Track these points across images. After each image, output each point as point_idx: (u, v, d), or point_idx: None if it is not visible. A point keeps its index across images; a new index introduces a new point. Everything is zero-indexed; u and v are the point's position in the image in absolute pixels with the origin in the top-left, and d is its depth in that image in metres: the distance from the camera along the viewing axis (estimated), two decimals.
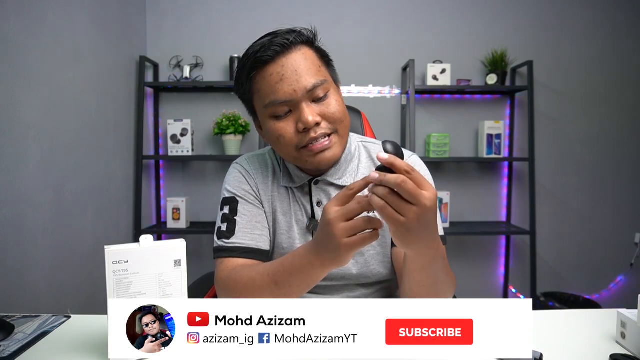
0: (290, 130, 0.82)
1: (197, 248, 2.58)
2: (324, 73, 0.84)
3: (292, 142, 0.82)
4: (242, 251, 0.87)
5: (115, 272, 0.66)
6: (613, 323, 0.75)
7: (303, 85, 0.79)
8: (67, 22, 1.75)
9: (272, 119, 0.83)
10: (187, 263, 0.71)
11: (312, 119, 0.79)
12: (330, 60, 0.89)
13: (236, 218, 0.90)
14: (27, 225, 1.51)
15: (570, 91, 2.61)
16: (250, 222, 0.90)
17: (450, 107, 2.63)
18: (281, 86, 0.79)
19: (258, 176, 0.94)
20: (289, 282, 0.72)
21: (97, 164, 2.00)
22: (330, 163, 0.85)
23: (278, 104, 0.80)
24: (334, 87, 0.85)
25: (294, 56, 0.80)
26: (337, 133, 0.84)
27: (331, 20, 2.53)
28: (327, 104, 0.82)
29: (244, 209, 0.91)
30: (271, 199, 0.93)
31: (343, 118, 0.84)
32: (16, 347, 0.71)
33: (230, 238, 0.88)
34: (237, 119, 2.37)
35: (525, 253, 2.58)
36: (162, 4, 2.54)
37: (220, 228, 0.90)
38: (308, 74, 0.80)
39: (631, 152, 2.63)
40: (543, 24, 2.59)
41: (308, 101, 0.81)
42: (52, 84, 1.66)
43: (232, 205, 0.91)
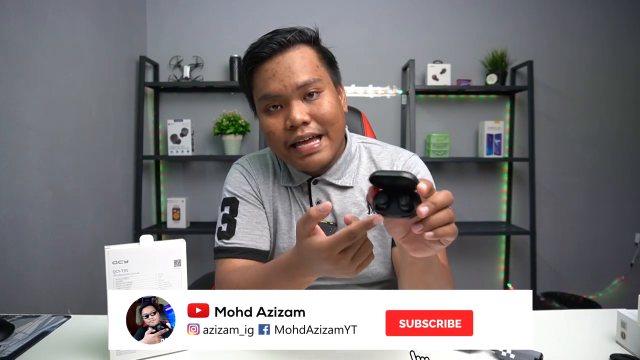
0: (279, 126, 0.82)
1: (197, 248, 2.58)
2: (320, 72, 0.83)
3: (281, 138, 0.83)
4: (241, 252, 0.87)
5: (115, 272, 0.66)
6: (613, 323, 0.75)
7: (294, 81, 0.80)
8: (67, 22, 1.75)
9: (264, 113, 0.84)
10: (187, 263, 0.71)
11: (300, 117, 0.79)
12: (334, 62, 0.89)
13: (236, 218, 0.90)
14: (27, 225, 1.51)
15: (570, 91, 2.61)
16: (250, 223, 0.90)
17: (450, 107, 2.63)
18: (273, 81, 0.80)
19: (259, 176, 0.94)
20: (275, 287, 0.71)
21: (97, 164, 2.00)
22: (318, 166, 0.85)
23: (269, 98, 0.82)
24: (330, 88, 0.85)
25: (291, 54, 0.81)
26: (328, 136, 0.83)
27: (331, 20, 2.53)
28: (319, 104, 0.82)
29: (244, 210, 0.91)
30: (272, 199, 0.93)
31: (334, 120, 0.83)
32: (16, 347, 0.71)
33: (230, 238, 0.88)
34: (237, 119, 2.37)
35: (525, 253, 2.58)
36: (162, 4, 2.54)
37: (220, 228, 0.90)
38: (301, 71, 0.80)
39: (631, 152, 2.63)
40: (543, 24, 2.59)
41: (299, 99, 0.81)
42: (52, 84, 1.66)
43: (233, 206, 0.91)
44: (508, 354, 0.65)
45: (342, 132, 0.87)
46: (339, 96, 0.88)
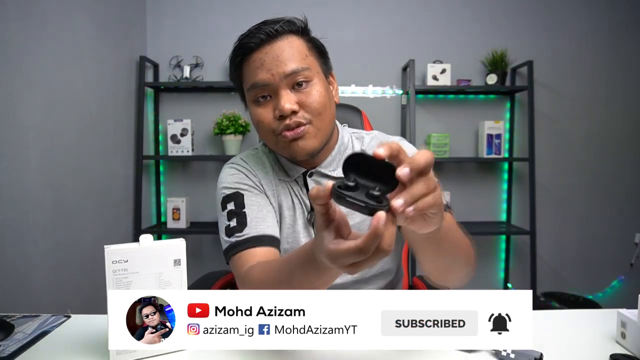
0: (268, 116, 0.82)
1: (197, 248, 2.58)
2: (309, 61, 0.82)
3: (270, 127, 0.82)
4: (259, 240, 0.82)
5: (114, 271, 0.66)
6: (613, 323, 0.74)
7: (282, 69, 0.79)
8: (67, 22, 1.75)
9: (253, 103, 0.84)
10: (187, 263, 0.71)
11: (289, 106, 0.79)
12: (324, 52, 0.88)
13: (245, 210, 0.85)
14: (27, 225, 1.51)
15: (570, 91, 2.61)
16: (261, 212, 0.86)
17: (450, 107, 2.63)
18: (261, 71, 0.80)
19: (259, 172, 0.92)
20: (291, 282, 0.65)
21: (97, 164, 2.00)
22: (305, 154, 0.83)
23: (257, 87, 0.81)
24: (319, 78, 0.84)
25: (279, 44, 0.81)
26: (312, 124, 0.82)
27: (331, 21, 2.54)
28: (307, 93, 0.81)
29: (252, 201, 0.87)
30: (276, 193, 0.92)
31: (322, 110, 0.82)
32: (16, 347, 0.71)
33: (242, 230, 0.83)
34: (237, 119, 2.37)
35: (525, 253, 2.57)
36: (162, 4, 2.54)
37: (229, 226, 0.84)
38: (290, 60, 0.80)
39: (631, 152, 2.63)
40: (543, 24, 2.59)
41: (287, 88, 0.80)
42: (52, 84, 1.66)
43: (238, 200, 0.87)
44: (508, 354, 0.65)
45: (330, 122, 0.86)
46: (329, 86, 0.87)
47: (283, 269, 0.69)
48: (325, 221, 0.48)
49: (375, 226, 0.43)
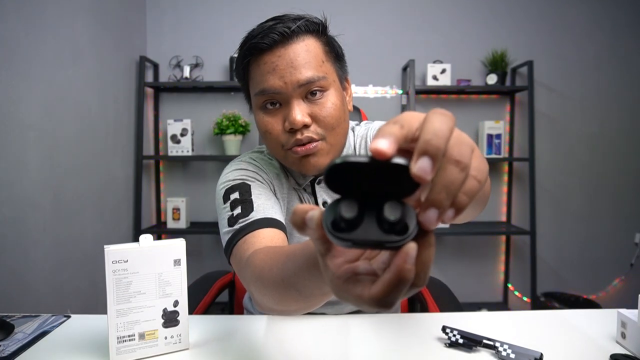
0: (277, 127, 0.75)
1: (197, 248, 2.59)
2: (326, 69, 0.75)
3: (279, 140, 0.75)
4: (266, 222, 0.72)
5: (114, 271, 0.66)
6: (613, 323, 0.74)
7: (296, 78, 0.71)
8: (67, 22, 1.75)
9: (261, 110, 0.76)
10: (187, 263, 0.71)
11: (301, 118, 0.72)
12: (341, 56, 0.81)
13: (252, 197, 0.77)
14: (27, 225, 1.51)
15: (570, 91, 2.61)
16: (269, 201, 0.78)
17: (450, 107, 2.63)
18: (272, 76, 0.72)
19: (270, 173, 0.86)
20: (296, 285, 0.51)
21: (97, 164, 2.00)
22: (315, 170, 0.77)
23: (267, 94, 0.73)
24: (335, 87, 0.76)
25: (294, 47, 0.73)
26: (325, 140, 0.75)
27: (331, 21, 2.53)
28: (322, 105, 0.74)
29: (259, 190, 0.79)
30: (287, 198, 0.86)
31: (336, 124, 0.75)
32: (16, 347, 0.71)
33: (249, 215, 0.73)
34: (237, 119, 2.37)
35: (525, 253, 2.58)
36: (162, 4, 2.54)
37: (232, 215, 0.75)
38: (305, 67, 0.72)
39: (631, 152, 2.63)
40: (543, 24, 2.59)
41: (300, 98, 0.73)
42: (52, 84, 1.66)
43: (243, 189, 0.78)
44: (508, 354, 0.65)
45: (344, 137, 0.79)
46: (344, 93, 0.81)
47: (287, 267, 0.54)
48: (322, 246, 0.32)
49: (400, 268, 0.27)
